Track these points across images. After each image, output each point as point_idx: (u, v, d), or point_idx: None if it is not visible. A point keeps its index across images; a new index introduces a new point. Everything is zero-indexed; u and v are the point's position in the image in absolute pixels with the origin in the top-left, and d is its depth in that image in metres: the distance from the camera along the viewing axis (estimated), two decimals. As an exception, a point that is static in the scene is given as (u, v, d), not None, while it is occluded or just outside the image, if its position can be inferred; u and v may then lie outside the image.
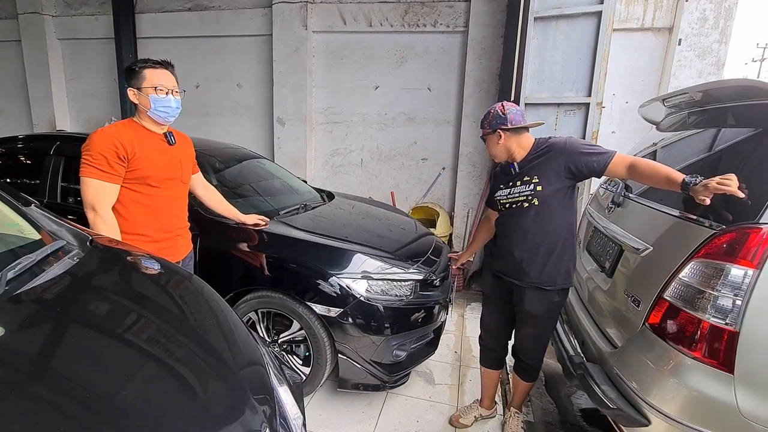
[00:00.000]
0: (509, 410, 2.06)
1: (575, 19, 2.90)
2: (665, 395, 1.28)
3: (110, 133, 1.53)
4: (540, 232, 1.65)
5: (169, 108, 1.62)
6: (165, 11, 4.86)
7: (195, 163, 1.96)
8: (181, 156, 1.76)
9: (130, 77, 1.59)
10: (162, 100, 1.58)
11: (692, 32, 3.56)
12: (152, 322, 0.89)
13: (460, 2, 4.09)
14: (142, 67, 1.58)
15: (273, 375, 0.92)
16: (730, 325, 1.17)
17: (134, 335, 0.84)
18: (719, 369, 1.18)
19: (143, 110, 1.61)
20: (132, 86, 1.59)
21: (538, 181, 1.62)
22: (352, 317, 2.00)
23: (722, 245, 1.22)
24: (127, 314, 0.91)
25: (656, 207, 1.63)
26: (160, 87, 1.57)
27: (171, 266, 1.23)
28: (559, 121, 3.05)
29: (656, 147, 2.07)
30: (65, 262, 1.02)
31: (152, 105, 1.57)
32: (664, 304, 1.35)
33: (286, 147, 4.64)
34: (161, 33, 4.92)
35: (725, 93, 1.60)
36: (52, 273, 0.96)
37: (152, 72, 1.58)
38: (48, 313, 0.84)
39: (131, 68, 1.60)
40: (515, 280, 1.73)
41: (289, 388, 0.96)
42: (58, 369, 0.73)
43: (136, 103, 1.61)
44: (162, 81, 1.59)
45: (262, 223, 2.18)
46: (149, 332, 0.86)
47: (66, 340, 0.78)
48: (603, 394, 1.43)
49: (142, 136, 1.62)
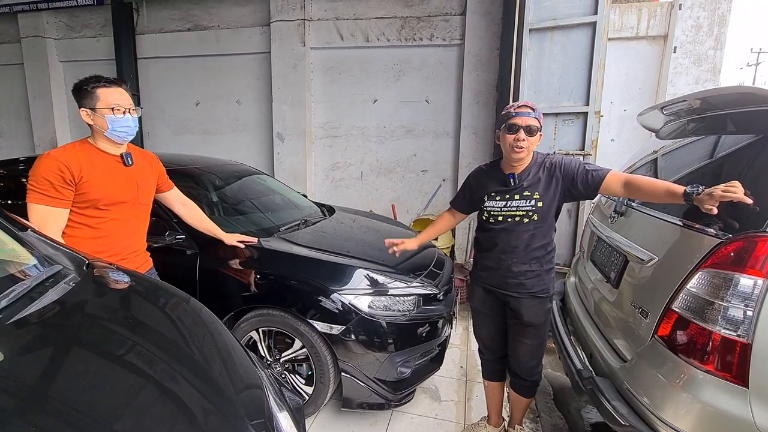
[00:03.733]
0: (513, 428, 2.00)
1: (570, 30, 2.93)
2: (678, 411, 1.23)
3: (55, 157, 1.46)
4: (537, 247, 1.65)
5: (128, 127, 1.55)
6: (165, 32, 4.94)
7: (166, 179, 1.89)
8: (139, 177, 1.67)
9: (82, 97, 1.51)
10: (120, 120, 1.52)
11: (687, 40, 3.59)
12: (149, 348, 0.87)
13: (456, 16, 4.15)
14: (95, 87, 1.50)
15: (272, 399, 0.89)
16: (742, 337, 1.14)
17: (130, 361, 0.82)
18: (733, 382, 1.15)
19: (99, 131, 1.53)
20: (85, 107, 1.51)
21: (539, 197, 1.61)
22: (355, 334, 1.97)
23: (730, 254, 1.20)
24: (123, 340, 0.89)
25: (660, 216, 1.60)
26: (117, 107, 1.50)
27: (170, 289, 1.21)
28: (558, 131, 3.05)
29: (657, 155, 2.05)
30: (61, 287, 1.01)
31: (110, 126, 1.51)
32: (673, 316, 1.32)
33: (286, 162, 4.66)
34: (161, 53, 4.99)
35: (724, 100, 1.59)
36: (48, 299, 0.94)
37: (106, 91, 1.51)
38: (42, 340, 0.82)
39: (82, 88, 1.51)
40: (511, 292, 1.70)
41: (289, 413, 0.93)
42: (53, 396, 0.72)
43: (90, 123, 1.52)
44: (118, 100, 1.52)
45: (243, 244, 2.12)
46: (145, 358, 0.84)
47: (61, 367, 0.75)
48: (614, 410, 1.39)
49: (94, 158, 1.54)
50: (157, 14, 4.89)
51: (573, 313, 2.14)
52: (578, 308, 2.12)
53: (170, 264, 2.11)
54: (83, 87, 1.51)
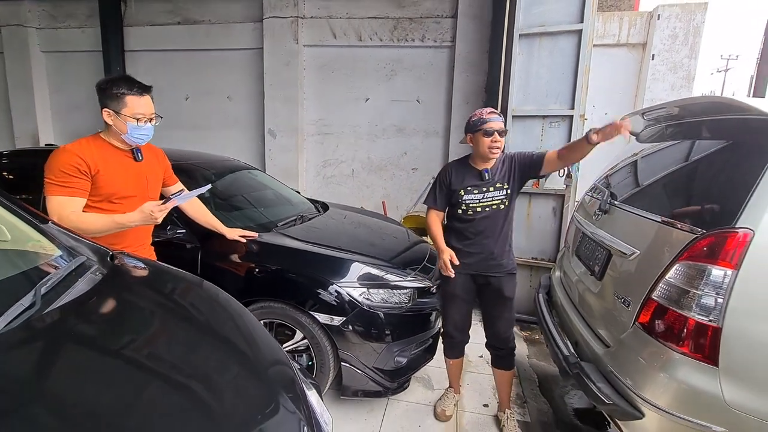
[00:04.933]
0: (504, 413, 2.13)
1: (558, 37, 3.07)
2: (657, 389, 1.36)
3: (71, 150, 1.50)
4: (508, 229, 1.99)
5: (146, 135, 1.62)
6: (154, 24, 4.88)
7: (171, 174, 1.94)
8: (148, 171, 1.73)
9: (108, 98, 1.54)
10: (140, 129, 1.57)
11: (664, 48, 3.80)
12: (185, 330, 0.93)
13: (447, 18, 4.25)
14: (125, 94, 1.53)
15: (300, 377, 0.97)
16: (713, 322, 1.27)
17: (172, 342, 0.88)
18: (705, 363, 1.28)
19: (116, 132, 1.58)
20: (109, 108, 1.54)
21: (508, 187, 1.92)
22: (355, 325, 2.05)
23: (703, 248, 1.33)
24: (161, 324, 0.94)
25: (641, 213, 1.74)
26: (141, 117, 1.55)
27: (189, 276, 1.27)
28: (545, 132, 3.19)
29: (637, 157, 2.20)
30: (89, 277, 1.05)
31: (129, 131, 1.55)
32: (653, 304, 1.45)
33: (277, 158, 4.68)
34: (150, 46, 4.93)
35: (700, 108, 1.74)
36: (78, 289, 0.99)
37: (135, 100, 1.54)
38: (87, 327, 0.87)
39: (110, 90, 1.53)
40: (494, 273, 1.97)
41: (317, 391, 1.01)
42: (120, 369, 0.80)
43: (110, 124, 1.56)
44: (143, 110, 1.56)
45: (244, 239, 2.16)
46: (183, 339, 0.90)
47: (111, 349, 0.81)
48: (599, 391, 1.51)
49: (107, 152, 1.59)
50: (146, 6, 4.82)
51: (559, 305, 2.27)
52: (564, 300, 2.25)
53: (171, 258, 2.11)
54: (112, 90, 1.53)
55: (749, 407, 1.23)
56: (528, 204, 3.29)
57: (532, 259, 3.36)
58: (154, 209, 1.48)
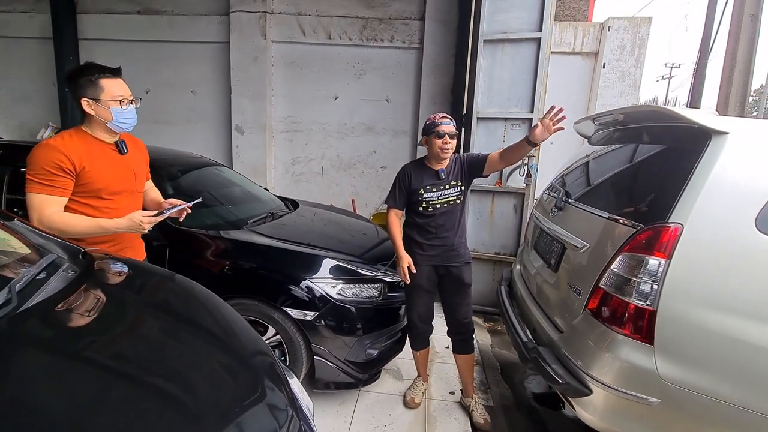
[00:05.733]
0: (470, 398, 2.27)
1: (519, 44, 3.24)
2: (603, 368, 1.52)
3: (54, 147, 1.45)
4: (462, 222, 2.17)
5: (131, 118, 1.58)
6: (111, 13, 4.65)
7: (149, 169, 1.89)
8: (134, 165, 1.69)
9: (82, 87, 1.49)
10: (124, 112, 1.53)
11: (614, 58, 4.10)
12: (165, 323, 0.95)
13: (415, 21, 4.36)
14: (99, 77, 1.49)
15: (281, 366, 1.01)
16: (650, 306, 1.44)
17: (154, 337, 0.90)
18: (643, 342, 1.45)
19: (100, 121, 1.53)
20: (87, 96, 1.49)
21: (461, 185, 2.10)
22: (327, 319, 2.10)
23: (642, 241, 1.49)
24: (140, 320, 0.96)
25: (591, 210, 1.91)
26: (122, 99, 1.52)
27: (163, 271, 1.27)
28: (506, 134, 3.37)
29: (589, 158, 2.39)
30: (61, 275, 1.04)
31: (114, 117, 1.51)
32: (600, 292, 1.60)
33: (245, 155, 4.61)
34: (107, 35, 4.70)
35: (641, 115, 1.93)
36: (53, 287, 0.98)
37: (110, 82, 1.51)
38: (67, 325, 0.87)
39: (83, 77, 1.49)
40: (454, 263, 2.14)
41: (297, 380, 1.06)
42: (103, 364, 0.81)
43: (91, 114, 1.51)
44: (121, 92, 1.53)
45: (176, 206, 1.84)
46: (165, 332, 0.92)
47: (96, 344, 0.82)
48: (553, 372, 1.66)
49: (92, 146, 1.54)
50: (103, -6, 4.60)
51: (519, 296, 2.43)
52: (523, 291, 2.41)
53: (138, 256, 2.10)
54: (84, 76, 1.48)
55: (679, 380, 1.40)
56: (491, 202, 3.46)
57: (495, 253, 3.53)
58: (143, 220, 1.45)
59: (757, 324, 1.33)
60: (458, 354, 2.28)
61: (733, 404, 1.34)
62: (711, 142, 1.47)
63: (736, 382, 1.35)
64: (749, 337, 1.33)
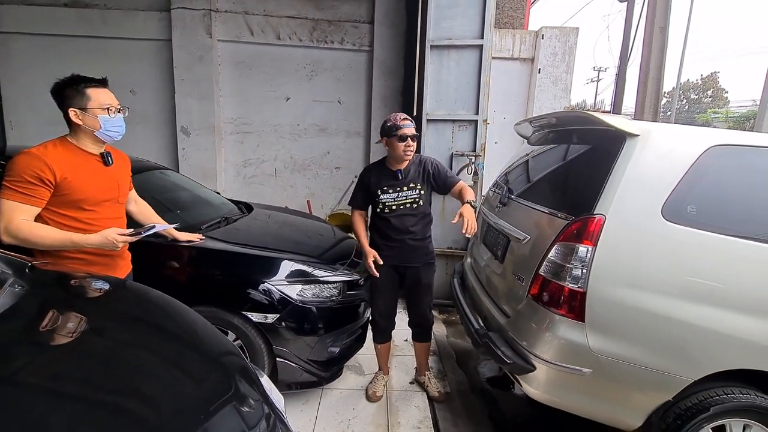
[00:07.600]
0: (424, 375, 2.45)
1: (463, 50, 3.43)
2: (544, 346, 1.70)
3: (37, 155, 1.44)
4: (423, 224, 2.21)
5: (119, 127, 1.59)
6: (32, 4, 4.26)
7: (130, 179, 1.89)
8: (118, 176, 1.70)
9: (68, 97, 1.49)
10: (112, 121, 1.54)
11: (548, 63, 4.45)
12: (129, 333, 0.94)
13: (365, 24, 4.44)
14: (84, 87, 1.50)
15: (251, 366, 1.04)
16: (580, 288, 1.64)
17: (109, 348, 0.89)
18: (576, 320, 1.64)
19: (88, 131, 1.53)
20: (73, 106, 1.49)
21: (421, 188, 2.15)
22: (289, 321, 2.13)
23: (573, 231, 1.69)
24: (101, 332, 0.94)
25: (530, 205, 2.10)
26: (110, 107, 1.53)
27: (117, 281, 1.24)
28: (455, 135, 3.55)
29: (528, 157, 2.61)
30: (8, 291, 1.00)
31: (102, 126, 1.52)
32: (540, 278, 1.78)
33: (192, 158, 4.44)
34: (28, 29, 4.30)
35: (570, 119, 2.15)
36: (1, 303, 0.94)
37: (96, 92, 1.52)
38: (16, 340, 0.84)
39: (69, 88, 1.49)
40: (412, 263, 2.20)
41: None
42: None
43: (79, 123, 1.51)
44: (109, 100, 1.54)
45: (196, 239, 2.11)
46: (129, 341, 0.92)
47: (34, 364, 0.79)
48: (503, 353, 1.82)
49: (76, 157, 1.54)
50: (22, -17, 4.20)
51: (470, 287, 2.60)
52: (474, 283, 2.58)
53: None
54: (70, 88, 1.48)
55: (606, 351, 1.61)
56: (442, 200, 3.63)
57: (447, 248, 3.71)
58: (117, 238, 1.46)
59: (663, 297, 1.57)
60: (417, 342, 2.44)
61: (646, 367, 1.57)
62: (626, 143, 1.69)
63: (647, 348, 1.58)
64: (657, 309, 1.57)
